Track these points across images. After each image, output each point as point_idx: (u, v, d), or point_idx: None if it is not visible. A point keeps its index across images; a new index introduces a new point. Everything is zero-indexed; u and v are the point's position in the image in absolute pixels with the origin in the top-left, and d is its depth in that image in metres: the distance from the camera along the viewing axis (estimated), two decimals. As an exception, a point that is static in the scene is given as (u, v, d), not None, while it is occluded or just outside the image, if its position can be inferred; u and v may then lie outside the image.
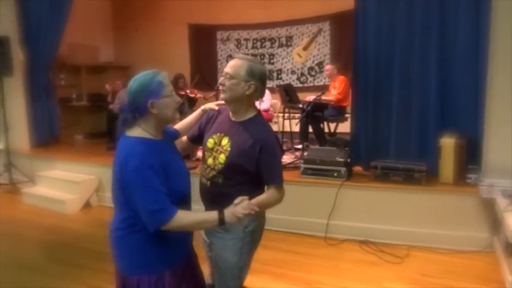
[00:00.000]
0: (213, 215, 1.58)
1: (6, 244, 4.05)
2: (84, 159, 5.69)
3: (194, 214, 1.63)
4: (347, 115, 5.81)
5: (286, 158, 5.13)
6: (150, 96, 1.57)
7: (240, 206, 1.57)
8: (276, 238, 3.97)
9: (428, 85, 3.94)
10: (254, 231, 1.92)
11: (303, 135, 5.63)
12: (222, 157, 1.83)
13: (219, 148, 1.86)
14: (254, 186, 1.85)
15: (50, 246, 3.88)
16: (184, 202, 1.66)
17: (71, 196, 5.05)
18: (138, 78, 1.60)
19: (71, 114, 7.60)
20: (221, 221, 1.56)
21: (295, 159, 5.07)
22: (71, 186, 5.17)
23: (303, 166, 4.24)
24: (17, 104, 6.26)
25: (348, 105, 5.55)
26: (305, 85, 7.55)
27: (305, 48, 7.54)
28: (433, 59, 3.89)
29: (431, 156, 3.90)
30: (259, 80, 1.81)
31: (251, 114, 1.87)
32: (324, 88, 6.35)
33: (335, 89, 5.73)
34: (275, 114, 6.67)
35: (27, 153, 6.14)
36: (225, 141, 1.85)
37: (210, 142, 1.91)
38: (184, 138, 2.06)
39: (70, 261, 3.56)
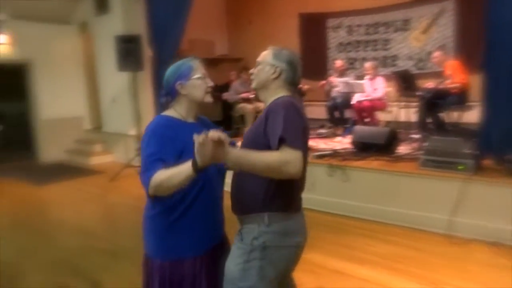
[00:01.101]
0: (188, 162, 1.39)
1: (137, 217, 4.60)
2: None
3: (171, 169, 1.46)
4: (471, 104, 5.26)
5: (402, 149, 4.86)
6: (179, 78, 1.68)
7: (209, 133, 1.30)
8: (393, 232, 3.82)
9: None
10: (265, 247, 1.52)
11: (421, 124, 5.25)
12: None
13: None
14: None
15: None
16: (203, 187, 1.60)
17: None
18: (172, 65, 1.73)
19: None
20: (194, 164, 1.37)
21: (412, 150, 4.76)
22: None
23: (423, 157, 3.96)
24: (146, 95, 6.99)
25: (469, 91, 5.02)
26: (424, 71, 6.99)
27: (424, 32, 6.98)
28: None
29: None
30: (285, 62, 1.70)
31: (276, 96, 1.67)
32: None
33: (452, 76, 5.18)
34: (389, 103, 6.33)
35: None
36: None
37: None
38: None
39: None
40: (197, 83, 1.69)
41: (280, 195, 1.46)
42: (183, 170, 1.41)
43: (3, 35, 7.25)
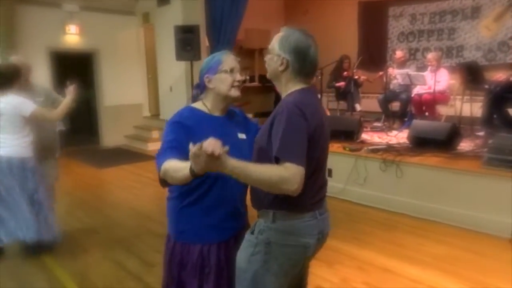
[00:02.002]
0: (187, 162, 1.35)
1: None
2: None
3: (178, 163, 1.44)
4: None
5: (464, 146, 4.57)
6: (207, 72, 1.67)
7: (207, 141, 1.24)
8: (447, 232, 3.63)
9: None
10: (269, 243, 1.51)
11: (487, 120, 4.89)
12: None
13: None
14: None
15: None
16: (216, 181, 1.59)
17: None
18: (207, 58, 1.74)
19: (244, 94, 8.22)
20: (191, 169, 1.33)
21: (475, 148, 4.46)
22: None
23: (487, 155, 3.69)
24: (202, 85, 7.14)
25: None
26: (493, 62, 6.49)
27: (496, 19, 6.45)
28: None
29: None
30: (291, 53, 1.51)
31: (291, 90, 1.55)
32: (518, 66, 5.36)
33: None
34: (452, 97, 5.97)
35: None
36: None
37: None
38: None
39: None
40: (223, 77, 1.66)
41: (286, 195, 1.38)
42: (184, 169, 1.37)
43: (73, 26, 7.74)
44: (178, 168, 1.42)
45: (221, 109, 1.72)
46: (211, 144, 1.22)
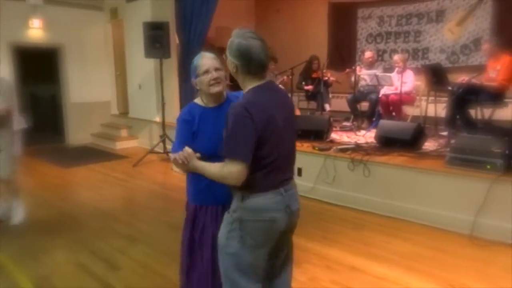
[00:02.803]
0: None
1: (157, 203, 4.71)
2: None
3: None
4: (506, 100, 5.02)
5: (429, 145, 4.70)
6: (192, 76, 2.04)
7: (184, 151, 1.75)
8: (414, 230, 3.72)
9: None
10: (242, 221, 1.72)
11: (450, 120, 5.06)
12: None
13: None
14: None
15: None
16: (209, 160, 1.81)
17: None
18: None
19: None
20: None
21: (438, 147, 4.60)
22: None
23: (449, 154, 3.81)
24: (172, 82, 7.04)
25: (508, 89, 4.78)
26: (456, 65, 6.72)
27: (459, 23, 6.69)
28: None
29: None
30: (237, 57, 1.69)
31: (247, 89, 1.76)
32: (480, 69, 5.56)
33: (496, 71, 4.89)
34: (417, 97, 6.14)
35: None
36: None
37: None
38: None
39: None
40: (202, 78, 1.98)
41: (251, 178, 1.65)
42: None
43: (36, 20, 7.44)
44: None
45: (213, 101, 2.04)
46: (183, 155, 1.73)
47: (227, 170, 1.63)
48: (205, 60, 1.99)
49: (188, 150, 1.74)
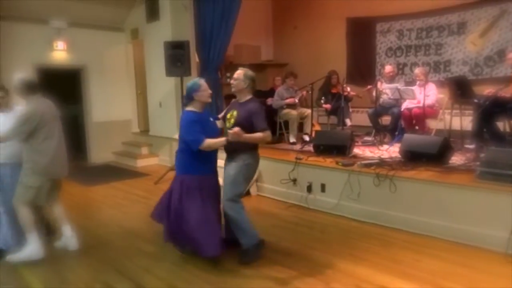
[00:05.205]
0: (223, 138, 3.27)
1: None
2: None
3: (214, 140, 3.24)
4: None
5: (456, 160, 4.58)
6: (194, 92, 3.31)
7: (234, 130, 3.14)
8: (443, 247, 3.59)
9: None
10: (248, 164, 3.43)
11: (477, 134, 4.92)
12: (232, 121, 3.39)
13: (231, 117, 3.43)
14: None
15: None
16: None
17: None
18: (190, 82, 3.39)
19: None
20: (227, 139, 3.20)
21: (466, 161, 4.47)
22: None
23: (479, 169, 3.70)
24: (192, 100, 7.08)
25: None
26: (480, 77, 6.59)
27: (482, 35, 6.58)
28: None
29: None
30: (249, 79, 3.47)
31: (248, 98, 3.49)
32: (505, 81, 5.42)
33: None
34: (441, 111, 6.02)
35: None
36: (234, 113, 3.43)
37: (228, 115, 3.51)
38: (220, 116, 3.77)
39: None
40: (201, 94, 3.33)
41: (256, 144, 3.55)
42: (221, 141, 3.26)
43: (60, 42, 7.67)
44: (217, 142, 3.25)
45: (202, 108, 3.37)
46: (238, 131, 3.11)
47: (267, 135, 3.35)
48: (203, 81, 3.39)
49: (237, 128, 3.12)
